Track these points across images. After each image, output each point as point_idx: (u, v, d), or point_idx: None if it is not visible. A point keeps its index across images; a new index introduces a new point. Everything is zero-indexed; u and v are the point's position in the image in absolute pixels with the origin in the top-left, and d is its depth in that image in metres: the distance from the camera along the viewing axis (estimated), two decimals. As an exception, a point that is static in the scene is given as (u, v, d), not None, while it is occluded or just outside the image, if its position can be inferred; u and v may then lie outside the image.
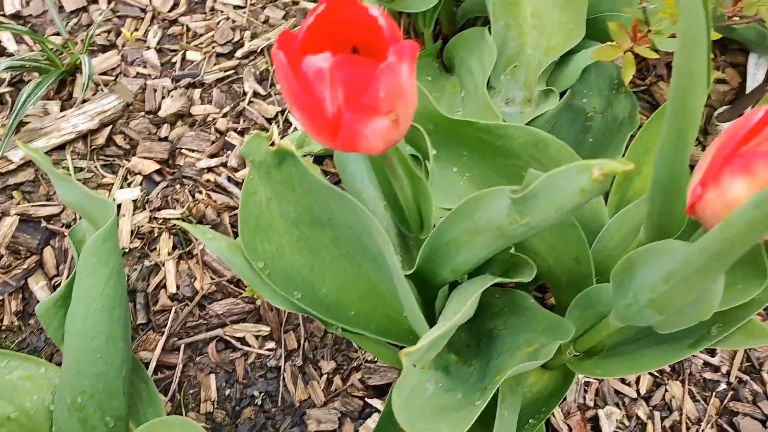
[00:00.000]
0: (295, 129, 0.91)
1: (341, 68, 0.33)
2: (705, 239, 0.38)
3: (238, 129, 0.91)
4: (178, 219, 0.82)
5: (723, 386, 0.77)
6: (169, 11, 1.01)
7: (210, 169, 0.87)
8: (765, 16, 0.69)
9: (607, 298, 0.60)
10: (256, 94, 0.94)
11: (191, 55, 0.97)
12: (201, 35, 0.99)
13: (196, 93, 0.93)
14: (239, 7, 1.02)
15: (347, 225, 0.61)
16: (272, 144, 0.56)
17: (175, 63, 0.97)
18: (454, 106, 0.84)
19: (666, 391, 0.76)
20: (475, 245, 0.50)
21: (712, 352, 0.80)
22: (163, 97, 0.92)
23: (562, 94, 0.79)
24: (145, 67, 0.95)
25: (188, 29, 1.00)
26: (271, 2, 1.03)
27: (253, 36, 0.99)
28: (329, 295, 0.66)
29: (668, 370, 0.78)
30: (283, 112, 0.93)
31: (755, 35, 0.94)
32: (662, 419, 0.74)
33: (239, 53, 0.97)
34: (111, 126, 0.89)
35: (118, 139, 0.88)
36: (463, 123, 0.61)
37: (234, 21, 1.01)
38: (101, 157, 0.87)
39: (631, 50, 0.65)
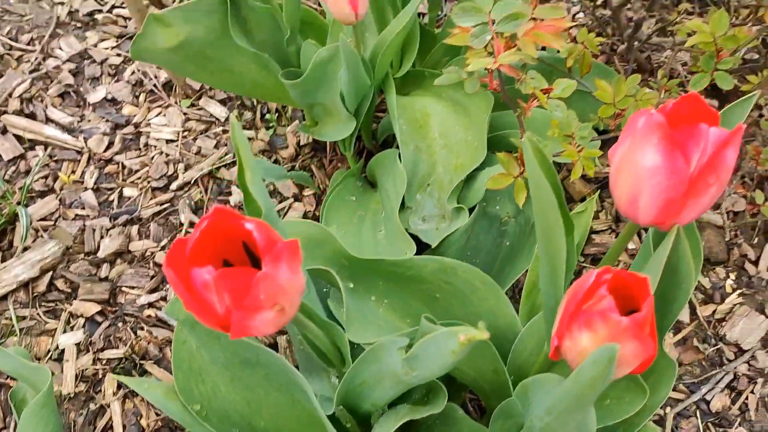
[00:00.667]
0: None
1: (223, 279, 0.38)
2: (567, 384, 0.44)
3: (176, 261, 0.95)
4: (116, 368, 0.85)
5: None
6: (104, 151, 1.06)
7: (150, 305, 0.90)
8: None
9: (518, 413, 0.64)
10: (192, 224, 0.99)
11: (128, 191, 1.02)
12: (136, 171, 1.04)
13: (134, 229, 0.98)
14: (171, 141, 1.08)
15: (276, 365, 0.65)
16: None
17: (113, 201, 1.01)
18: (378, 225, 0.89)
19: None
20: (384, 386, 0.54)
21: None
22: (101, 237, 0.96)
23: (472, 209, 0.85)
24: (83, 208, 1.00)
25: (123, 167, 1.05)
26: (202, 133, 1.09)
27: (187, 167, 1.05)
28: (267, 428, 0.70)
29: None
30: (219, 239, 0.97)
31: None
32: None
33: (174, 185, 1.03)
34: (51, 271, 0.92)
35: (59, 283, 0.92)
36: (373, 261, 0.67)
37: (167, 155, 1.06)
38: (43, 304, 0.90)
39: (521, 175, 0.71)
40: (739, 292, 0.99)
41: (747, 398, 0.89)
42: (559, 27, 0.56)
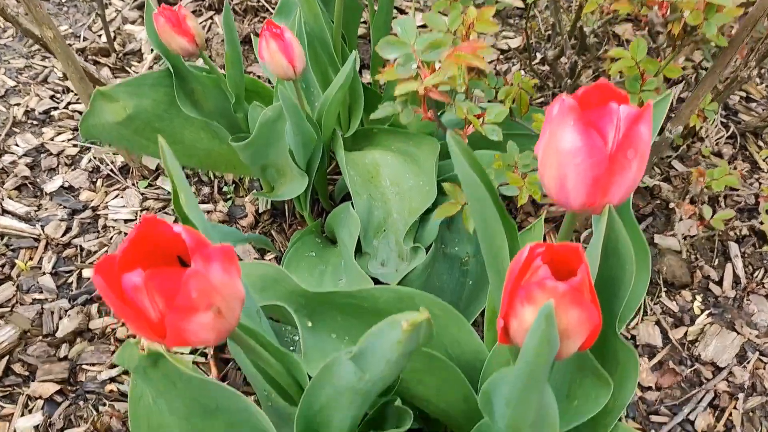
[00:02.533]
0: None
1: (154, 280, 0.38)
2: (517, 365, 0.43)
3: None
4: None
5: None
6: (62, 236, 1.06)
7: (112, 380, 0.88)
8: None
9: (491, 433, 0.62)
10: (153, 298, 0.97)
11: (87, 273, 1.01)
12: (95, 252, 1.04)
13: (94, 308, 0.96)
14: (130, 221, 1.08)
15: (236, 410, 0.63)
16: (142, 348, 0.58)
17: (71, 283, 1.00)
18: (338, 274, 0.89)
19: None
20: (343, 406, 0.53)
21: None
22: (60, 318, 0.94)
23: (428, 249, 0.86)
24: (41, 292, 0.98)
25: (82, 249, 1.04)
26: (160, 210, 1.10)
27: (146, 244, 1.04)
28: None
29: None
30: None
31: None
32: None
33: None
34: (8, 356, 0.90)
35: (17, 367, 0.89)
36: (328, 294, 0.66)
37: (126, 234, 1.06)
38: (0, 389, 0.87)
39: (467, 203, 0.72)
40: (707, 312, 0.99)
41: (731, 414, 0.88)
42: (478, 47, 0.58)
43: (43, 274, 1.01)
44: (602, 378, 0.53)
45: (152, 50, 1.36)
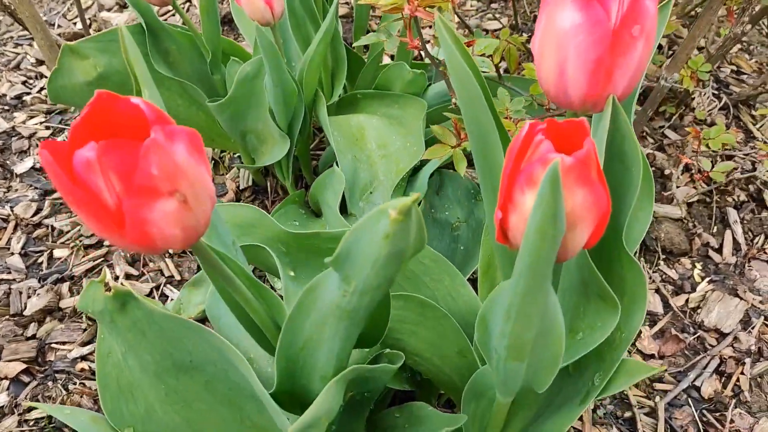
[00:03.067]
0: (171, 300, 0.89)
1: (109, 154, 0.33)
2: (518, 263, 0.39)
3: (112, 312, 0.87)
4: (45, 427, 0.75)
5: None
6: (33, 216, 1.01)
7: (83, 358, 0.82)
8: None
9: (490, 379, 0.58)
10: (128, 275, 0.92)
11: (58, 252, 0.96)
12: (67, 232, 0.99)
13: (65, 287, 0.91)
14: (105, 200, 1.03)
15: (211, 362, 0.58)
16: (108, 289, 0.53)
17: (42, 263, 0.95)
18: (323, 243, 0.84)
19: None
20: (328, 337, 0.48)
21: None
22: (28, 297, 0.89)
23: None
24: (9, 273, 0.93)
25: (53, 229, 0.99)
26: (136, 189, 1.05)
27: (121, 223, 0.99)
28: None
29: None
30: (158, 287, 0.91)
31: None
32: None
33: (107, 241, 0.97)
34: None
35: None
36: (311, 236, 0.61)
37: (100, 213, 1.01)
38: (-37, 370, 0.81)
39: (458, 146, 0.68)
40: (708, 279, 0.95)
41: (738, 380, 0.83)
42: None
43: (12, 254, 0.95)
44: (609, 300, 0.48)
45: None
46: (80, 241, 0.97)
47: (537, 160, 0.36)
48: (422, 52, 0.67)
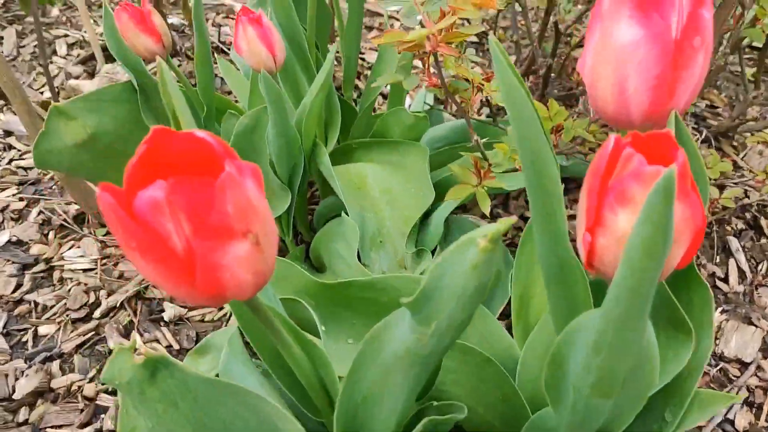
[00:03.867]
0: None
1: (179, 192, 0.30)
2: (614, 287, 0.36)
3: (110, 389, 0.81)
4: None
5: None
6: (13, 292, 0.94)
7: (83, 441, 0.75)
8: (585, 135, 0.75)
9: (554, 422, 0.54)
10: (122, 348, 0.86)
11: (44, 329, 0.89)
12: (51, 307, 0.92)
13: (55, 365, 0.84)
14: (89, 270, 0.98)
15: (249, 430, 0.53)
16: (138, 353, 0.49)
17: (26, 341, 0.88)
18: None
19: None
20: (394, 389, 0.44)
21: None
22: (16, 379, 0.82)
23: (433, 251, 0.79)
24: (-9, 354, 0.86)
25: (36, 304, 0.93)
26: (123, 257, 1.00)
27: (110, 293, 0.94)
28: None
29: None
30: (156, 358, 0.85)
31: (585, 168, 1.01)
32: None
33: (97, 313, 0.91)
34: (-45, 427, 0.76)
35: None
36: (343, 285, 0.58)
37: (86, 284, 0.95)
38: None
39: (480, 185, 0.66)
40: (720, 309, 0.94)
41: (771, 407, 0.82)
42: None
43: (-8, 334, 0.89)
44: (683, 327, 0.46)
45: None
46: (67, 315, 0.91)
47: (629, 175, 0.34)
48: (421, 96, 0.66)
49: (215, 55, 1.26)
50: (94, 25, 1.41)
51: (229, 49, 1.34)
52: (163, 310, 0.92)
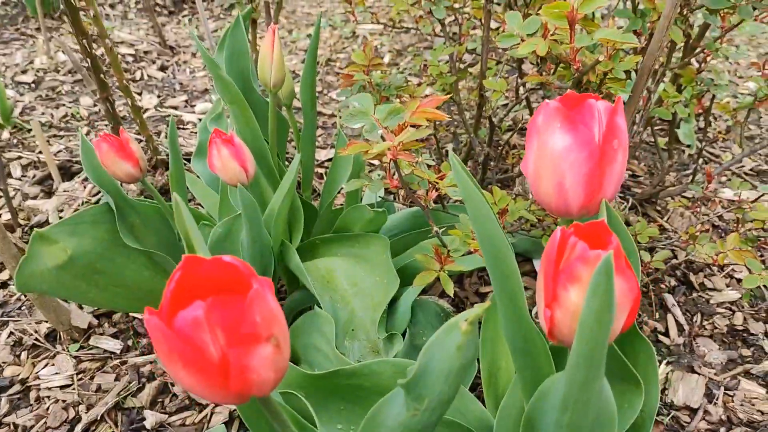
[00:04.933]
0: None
1: (215, 310, 0.36)
2: (573, 354, 0.43)
3: (99, 503, 0.83)
4: None
5: None
6: (-9, 417, 0.95)
7: None
8: (527, 216, 0.84)
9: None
10: (108, 461, 0.88)
11: (25, 450, 0.90)
12: (31, 428, 0.93)
13: (41, 485, 0.85)
14: (66, 386, 0.99)
15: None
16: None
17: (9, 464, 0.88)
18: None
19: None
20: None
21: None
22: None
23: (403, 335, 0.85)
24: (-26, 481, 0.86)
25: (16, 426, 0.94)
26: (98, 370, 1.02)
27: (89, 407, 0.96)
28: None
29: None
30: (142, 467, 0.87)
31: (531, 245, 1.10)
32: None
33: (78, 429, 0.92)
34: None
35: None
36: (331, 374, 0.63)
37: (64, 401, 0.97)
38: None
39: (442, 270, 0.74)
40: (666, 361, 1.02)
41: (720, 449, 0.89)
42: (439, 100, 0.63)
43: (-28, 460, 0.89)
44: (632, 380, 0.53)
45: (60, 218, 1.32)
46: (48, 434, 0.92)
47: (576, 258, 0.42)
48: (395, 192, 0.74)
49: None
50: (48, 145, 1.46)
51: (187, 160, 1.40)
52: (144, 418, 0.94)
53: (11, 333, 1.09)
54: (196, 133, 1.68)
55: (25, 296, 1.16)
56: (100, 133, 0.78)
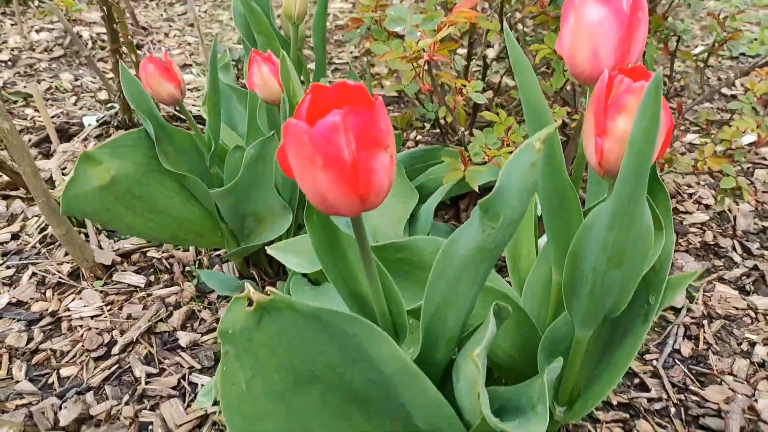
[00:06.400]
0: (202, 385, 0.91)
1: (349, 116, 0.44)
2: (622, 170, 0.52)
3: (148, 407, 0.88)
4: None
5: (670, 407, 0.86)
6: (27, 344, 0.99)
7: (138, 452, 0.82)
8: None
9: (565, 329, 0.69)
10: (149, 375, 0.93)
11: (66, 371, 0.95)
12: (68, 351, 0.98)
13: (89, 396, 0.90)
14: (97, 316, 1.04)
15: (330, 367, 0.64)
16: (250, 304, 0.59)
17: (52, 383, 0.93)
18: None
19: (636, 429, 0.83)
20: (460, 293, 0.57)
21: (647, 389, 0.91)
22: (55, 413, 0.87)
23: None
24: (22, 397, 0.90)
25: (53, 351, 0.98)
26: (126, 302, 1.07)
27: (122, 332, 1.01)
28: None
29: (629, 416, 0.86)
30: (184, 377, 0.93)
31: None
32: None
33: (116, 350, 0.97)
34: (11, 458, 0.81)
35: (23, 469, 0.80)
36: (383, 247, 0.71)
37: (97, 328, 1.01)
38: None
39: (467, 168, 0.83)
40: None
41: (705, 338, 1.00)
42: (474, 2, 0.72)
43: (17, 381, 0.93)
44: (656, 221, 0.62)
45: (64, 175, 1.35)
46: (87, 356, 0.97)
47: (624, 91, 0.51)
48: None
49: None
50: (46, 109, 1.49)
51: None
52: (177, 339, 1.00)
53: (33, 274, 1.13)
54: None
55: (42, 242, 1.20)
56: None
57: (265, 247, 0.70)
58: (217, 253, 1.16)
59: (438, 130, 1.29)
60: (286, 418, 0.65)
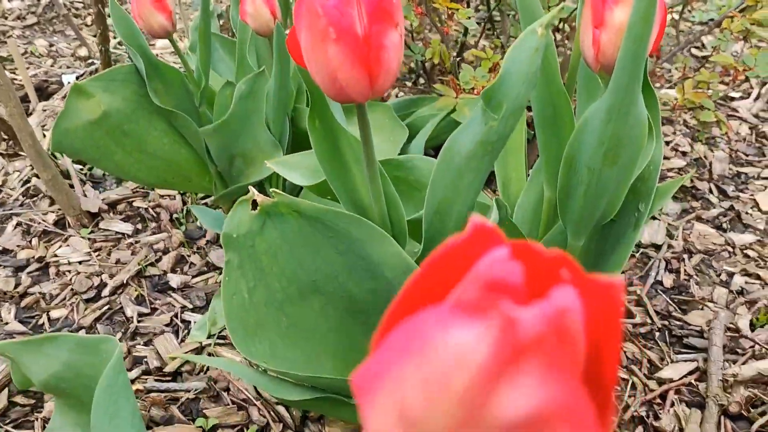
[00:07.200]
0: (194, 322, 0.91)
1: (360, -12, 0.45)
2: (619, 60, 0.54)
3: (141, 343, 0.88)
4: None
5: (655, 331, 0.89)
6: (15, 288, 0.98)
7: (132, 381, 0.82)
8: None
9: (558, 240, 0.71)
10: (141, 314, 0.93)
11: (56, 313, 0.94)
12: (58, 295, 0.97)
13: (81, 334, 0.89)
14: (85, 261, 1.03)
15: (332, 276, 0.65)
16: (254, 207, 0.60)
17: (43, 324, 0.92)
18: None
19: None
20: (462, 189, 0.59)
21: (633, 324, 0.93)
22: (49, 348, 0.86)
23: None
24: (13, 337, 0.89)
25: (42, 294, 0.97)
26: (113, 248, 1.06)
27: (112, 276, 1.00)
28: (333, 378, 0.66)
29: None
30: (176, 315, 0.93)
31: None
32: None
33: (106, 291, 0.97)
34: (6, 389, 0.80)
35: (18, 398, 0.80)
36: (382, 163, 0.72)
37: (86, 272, 1.01)
38: (7, 423, 0.77)
39: (458, 97, 0.84)
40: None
41: (686, 270, 1.03)
42: None
43: (6, 323, 0.92)
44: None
45: (44, 134, 1.34)
46: (77, 299, 0.96)
47: (620, -18, 0.53)
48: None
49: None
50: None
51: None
52: (167, 281, 1.00)
53: (19, 224, 1.11)
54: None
55: (25, 195, 1.18)
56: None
57: (265, 161, 0.70)
58: (204, 201, 1.16)
59: (419, 86, 1.30)
60: (287, 328, 0.66)
